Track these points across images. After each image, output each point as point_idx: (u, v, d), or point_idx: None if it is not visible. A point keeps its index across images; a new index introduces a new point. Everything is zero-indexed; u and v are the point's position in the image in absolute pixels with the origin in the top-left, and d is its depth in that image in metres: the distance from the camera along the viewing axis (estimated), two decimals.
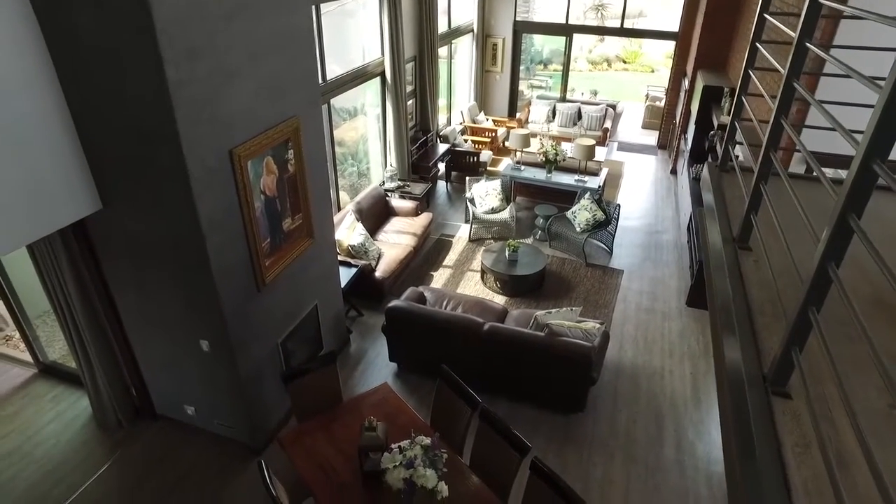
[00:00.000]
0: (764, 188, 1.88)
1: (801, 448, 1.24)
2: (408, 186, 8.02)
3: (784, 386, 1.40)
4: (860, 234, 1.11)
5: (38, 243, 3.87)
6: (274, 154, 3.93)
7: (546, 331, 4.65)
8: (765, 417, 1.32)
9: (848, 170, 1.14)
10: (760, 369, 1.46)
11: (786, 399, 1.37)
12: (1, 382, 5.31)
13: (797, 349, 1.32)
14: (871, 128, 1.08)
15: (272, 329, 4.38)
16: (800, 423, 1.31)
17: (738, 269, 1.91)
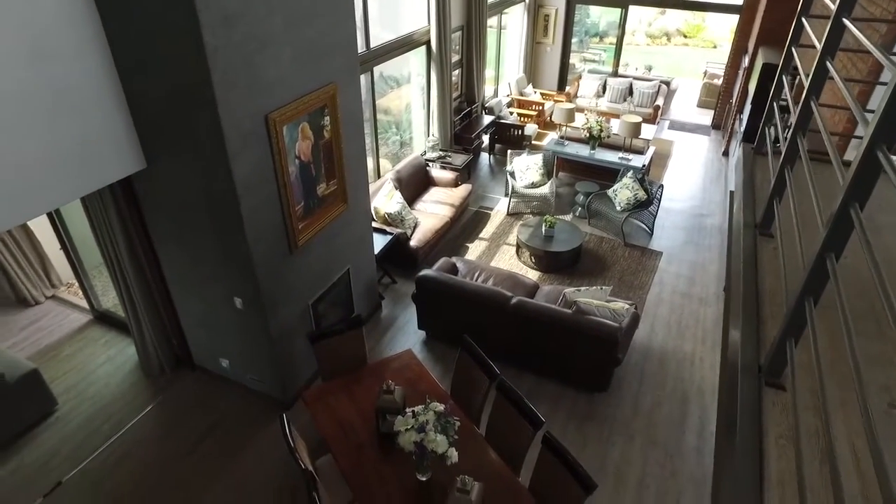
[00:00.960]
0: (789, 173, 1.80)
1: (784, 440, 1.22)
2: (449, 157, 8.01)
3: (778, 377, 1.37)
4: (859, 227, 1.06)
5: (90, 198, 4.11)
6: (310, 120, 4.00)
7: (574, 308, 4.62)
8: (753, 406, 1.29)
9: None
10: (758, 358, 1.43)
11: (779, 390, 1.34)
12: (62, 326, 5.72)
13: (792, 341, 1.28)
14: (879, 111, 1.02)
15: (304, 291, 4.52)
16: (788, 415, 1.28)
17: (754, 255, 1.84)
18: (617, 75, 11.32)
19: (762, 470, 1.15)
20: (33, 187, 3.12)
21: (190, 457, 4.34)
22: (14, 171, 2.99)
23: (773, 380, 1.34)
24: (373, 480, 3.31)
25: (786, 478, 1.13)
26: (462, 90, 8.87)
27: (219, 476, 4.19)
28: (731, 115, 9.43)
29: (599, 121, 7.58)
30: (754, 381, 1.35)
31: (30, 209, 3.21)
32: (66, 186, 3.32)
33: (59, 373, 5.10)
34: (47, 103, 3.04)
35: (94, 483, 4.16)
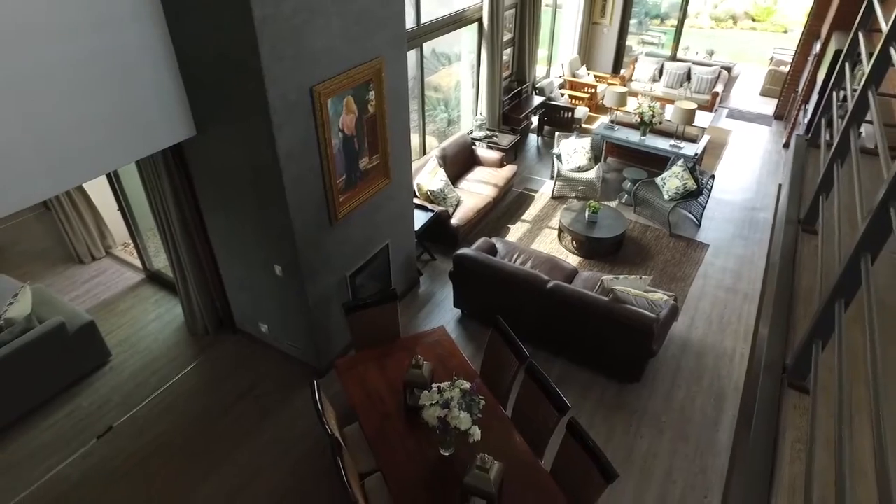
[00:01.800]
0: (838, 167, 1.70)
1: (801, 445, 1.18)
2: (496, 137, 7.93)
3: (802, 380, 1.31)
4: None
5: (144, 163, 4.29)
6: (355, 94, 4.03)
7: (610, 296, 4.55)
8: (772, 406, 1.25)
9: None
10: (783, 357, 1.38)
11: (802, 393, 1.29)
12: (118, 283, 6.04)
13: (819, 343, 1.23)
14: None
15: (342, 262, 4.61)
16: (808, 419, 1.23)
17: (793, 251, 1.76)
18: (675, 59, 10.88)
19: (774, 472, 1.11)
20: (92, 149, 3.29)
21: (228, 414, 4.55)
22: (75, 134, 3.16)
23: (796, 382, 1.29)
24: (397, 451, 3.39)
25: (797, 483, 1.09)
26: (513, 70, 8.73)
27: (253, 434, 4.38)
28: (795, 105, 8.94)
29: (652, 106, 7.33)
30: (777, 381, 1.30)
31: (90, 170, 3.39)
32: (122, 150, 3.48)
33: (114, 326, 5.41)
34: (106, 69, 3.18)
35: (141, 430, 4.42)
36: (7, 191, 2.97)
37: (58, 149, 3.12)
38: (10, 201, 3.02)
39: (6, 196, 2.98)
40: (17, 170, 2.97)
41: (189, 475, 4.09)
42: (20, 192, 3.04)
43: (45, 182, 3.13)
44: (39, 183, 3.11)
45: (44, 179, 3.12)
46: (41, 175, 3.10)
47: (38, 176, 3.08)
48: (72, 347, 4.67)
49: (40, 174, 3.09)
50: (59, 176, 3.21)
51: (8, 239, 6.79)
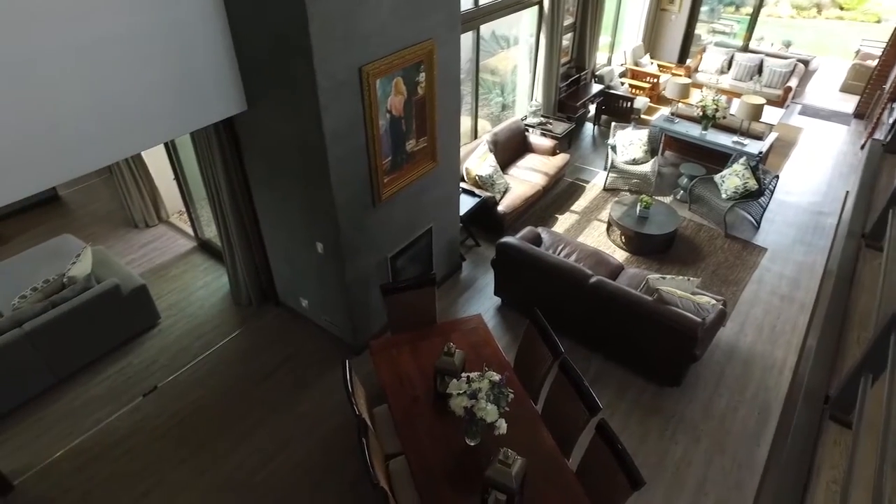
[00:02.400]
0: None
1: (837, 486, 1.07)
2: (550, 124, 7.75)
3: (847, 413, 1.20)
4: None
5: (198, 135, 4.41)
6: (404, 75, 3.99)
7: (655, 296, 4.38)
8: (807, 439, 1.15)
9: None
10: (827, 385, 1.26)
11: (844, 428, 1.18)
12: (172, 249, 6.29)
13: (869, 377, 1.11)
14: None
15: (384, 243, 4.62)
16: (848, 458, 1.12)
17: (852, 268, 1.61)
18: (747, 50, 10.29)
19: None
20: (150, 119, 3.41)
21: (264, 383, 4.68)
22: (135, 104, 3.29)
23: (839, 415, 1.18)
24: (423, 436, 3.40)
25: None
26: (572, 56, 8.47)
27: (287, 405, 4.49)
28: (880, 103, 8.30)
29: (717, 99, 6.95)
30: (817, 411, 1.19)
31: (147, 139, 3.53)
32: (177, 121, 3.59)
33: (164, 291, 5.64)
34: (167, 43, 3.28)
35: (183, 392, 4.61)
36: (72, 156, 3.13)
37: (119, 117, 3.25)
38: (73, 166, 3.18)
39: (71, 161, 3.14)
40: (81, 136, 3.12)
41: (224, 439, 4.24)
42: (84, 157, 3.20)
43: (105, 149, 3.28)
44: (101, 149, 3.26)
45: (105, 146, 3.27)
46: (103, 142, 3.24)
47: (100, 143, 3.23)
48: (125, 308, 4.89)
49: (102, 141, 3.23)
50: (119, 143, 3.35)
51: (77, 200, 7.18)
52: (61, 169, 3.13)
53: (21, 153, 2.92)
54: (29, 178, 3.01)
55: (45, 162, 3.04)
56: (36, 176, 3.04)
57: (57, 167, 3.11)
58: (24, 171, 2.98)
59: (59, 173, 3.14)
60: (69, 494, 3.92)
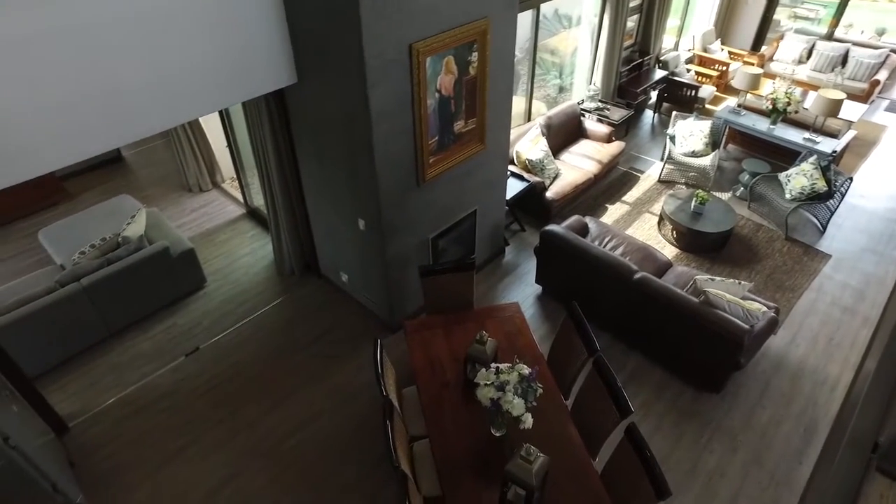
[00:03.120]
0: None
1: None
2: (607, 110, 7.47)
3: None
4: None
5: (249, 105, 4.46)
6: (456, 54, 3.89)
7: (702, 298, 4.19)
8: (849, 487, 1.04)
9: None
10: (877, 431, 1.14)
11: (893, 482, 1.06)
12: (222, 214, 6.47)
13: None
14: None
15: (426, 224, 4.59)
16: None
17: None
18: (832, 38, 9.57)
19: None
20: (203, 88, 3.47)
21: (301, 353, 4.78)
22: (190, 73, 3.35)
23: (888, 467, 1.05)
24: (448, 421, 3.39)
25: None
26: (637, 39, 8.10)
27: (320, 376, 4.57)
28: None
29: (790, 92, 6.51)
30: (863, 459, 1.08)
31: (199, 108, 3.61)
32: (229, 91, 3.64)
33: (212, 255, 5.82)
34: (221, 13, 3.30)
35: (223, 355, 4.76)
36: (131, 121, 3.24)
37: (175, 85, 3.33)
38: (131, 131, 3.30)
39: (130, 126, 3.26)
40: (141, 102, 3.22)
41: (257, 404, 4.36)
42: (141, 123, 3.30)
43: (161, 115, 3.38)
44: (157, 115, 3.35)
45: (161, 112, 3.36)
46: (159, 108, 3.33)
47: (157, 109, 3.32)
48: (173, 270, 5.07)
49: (159, 107, 3.32)
50: (174, 110, 3.43)
51: (138, 162, 7.47)
52: (121, 132, 3.25)
53: (88, 116, 3.05)
54: (94, 140, 3.15)
55: (107, 125, 3.16)
56: (100, 138, 3.17)
57: (117, 131, 3.22)
58: (91, 133, 3.11)
59: (119, 137, 3.26)
60: (116, 441, 4.14)
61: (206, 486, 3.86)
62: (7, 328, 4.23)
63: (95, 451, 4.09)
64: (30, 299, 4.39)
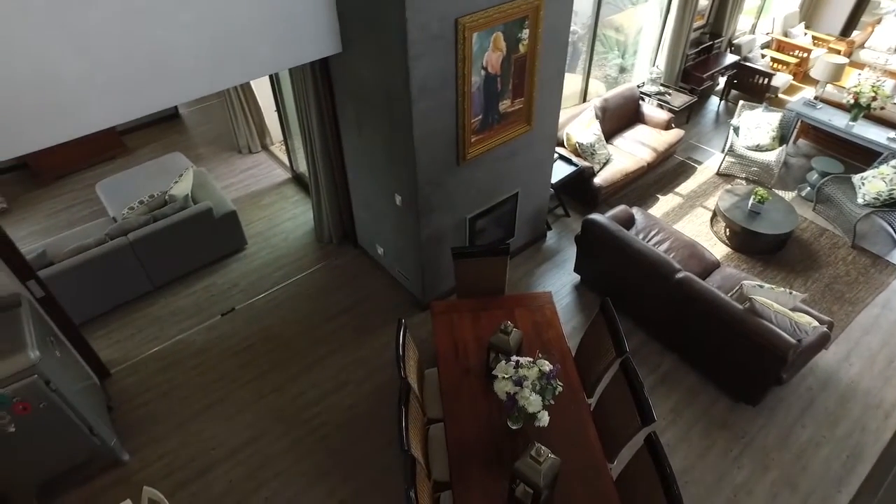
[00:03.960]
0: None
1: None
2: (669, 95, 7.07)
3: None
4: None
5: (295, 72, 4.43)
6: (505, 30, 3.72)
7: (746, 305, 3.95)
8: None
9: None
10: None
11: None
12: (268, 177, 6.56)
13: None
14: None
15: (464, 204, 4.49)
16: None
17: None
18: None
19: None
20: (251, 53, 3.49)
21: (331, 322, 4.83)
22: (238, 38, 3.37)
23: None
24: (465, 408, 3.35)
25: None
26: (708, 20, 7.58)
27: (348, 347, 4.61)
28: None
29: (878, 85, 5.95)
30: None
31: (246, 72, 3.62)
32: (275, 57, 3.64)
33: (255, 218, 5.92)
34: None
35: (257, 318, 4.87)
36: (184, 81, 3.31)
37: (223, 49, 3.35)
38: (183, 91, 3.37)
39: (178, 87, 3.33)
40: (189, 65, 3.28)
41: (285, 369, 4.45)
42: (192, 83, 3.37)
43: (211, 77, 3.43)
44: (207, 77, 3.41)
45: (210, 75, 3.41)
46: (209, 70, 3.39)
47: (207, 71, 3.38)
48: (216, 230, 5.19)
49: (209, 70, 3.38)
50: (222, 74, 3.46)
51: (194, 120, 7.64)
52: (173, 93, 3.32)
53: (147, 75, 3.15)
54: (153, 97, 3.25)
55: (158, 85, 3.23)
56: (151, 97, 3.25)
57: (168, 91, 3.29)
58: (142, 93, 3.20)
59: (170, 97, 3.33)
60: (150, 392, 4.33)
61: (229, 444, 3.98)
62: (60, 276, 4.44)
63: (131, 398, 4.29)
64: (82, 249, 4.59)
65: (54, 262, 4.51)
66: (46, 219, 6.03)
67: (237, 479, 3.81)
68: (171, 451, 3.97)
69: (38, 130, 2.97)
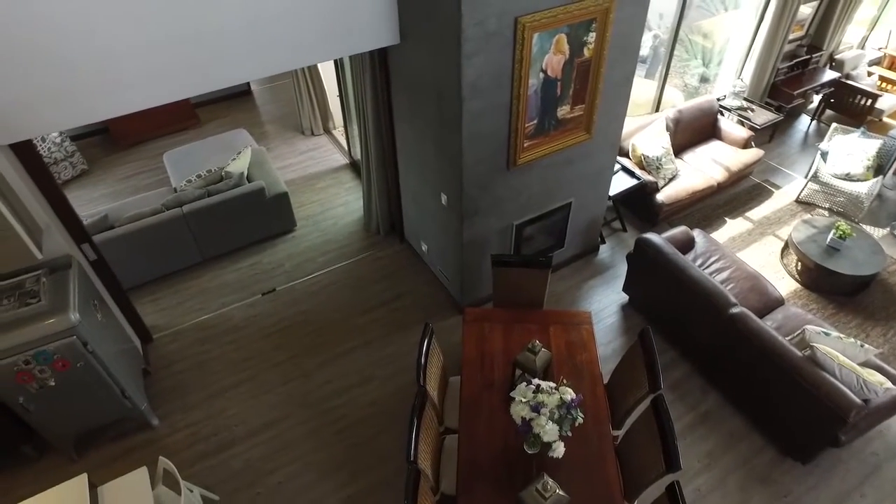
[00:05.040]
0: None
1: None
2: (751, 111, 6.56)
3: None
4: None
5: (354, 60, 4.40)
6: (569, 32, 3.50)
7: (807, 352, 3.58)
8: None
9: None
10: None
11: None
12: (326, 161, 6.62)
13: None
14: None
15: (511, 209, 4.32)
16: None
17: None
18: None
19: None
20: (310, 39, 3.49)
21: (367, 314, 4.81)
22: (297, 22, 3.37)
23: None
24: (482, 424, 3.22)
25: None
26: (808, 31, 6.96)
27: (379, 342, 4.58)
28: None
29: None
30: None
31: (302, 57, 3.60)
32: (334, 44, 3.61)
33: (308, 200, 5.98)
34: None
35: (295, 301, 4.92)
36: (249, 61, 3.38)
37: (282, 33, 3.37)
38: (259, 68, 3.45)
39: (253, 66, 3.41)
40: (257, 44, 3.34)
41: (314, 356, 4.47)
42: (255, 64, 3.42)
43: (268, 61, 3.47)
44: (268, 60, 3.46)
45: (271, 58, 3.46)
46: (271, 53, 3.43)
47: (269, 53, 3.42)
48: (266, 210, 5.28)
49: (271, 52, 3.42)
50: (281, 57, 3.49)
51: (264, 98, 7.83)
52: (242, 70, 3.39)
53: (219, 51, 3.23)
54: (224, 73, 3.34)
55: (234, 62, 3.32)
56: (230, 71, 3.35)
57: (240, 68, 3.37)
58: (221, 67, 3.30)
59: (241, 73, 3.41)
60: (186, 361, 4.47)
61: (251, 424, 4.05)
62: (117, 241, 4.65)
63: (169, 365, 4.44)
64: (139, 217, 4.78)
65: (114, 227, 4.72)
66: (118, 183, 6.35)
67: (254, 459, 3.87)
68: (197, 422, 4.07)
69: (125, 96, 3.12)
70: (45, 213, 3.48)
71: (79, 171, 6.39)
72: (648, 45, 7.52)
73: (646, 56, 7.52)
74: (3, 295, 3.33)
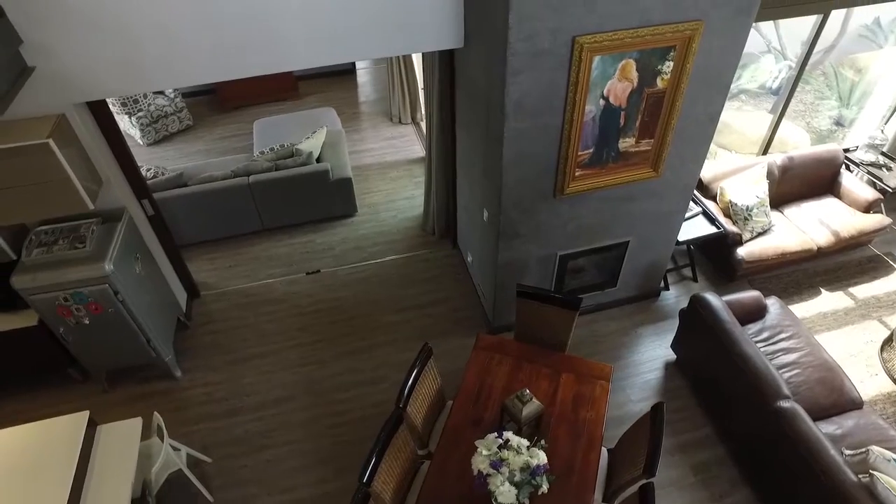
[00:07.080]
0: None
1: None
2: (886, 170, 5.60)
3: None
4: None
5: (427, 57, 4.30)
6: (640, 59, 3.14)
7: (864, 479, 2.99)
8: None
9: None
10: None
11: None
12: (406, 151, 6.63)
13: None
14: None
15: (555, 239, 4.03)
16: None
17: None
18: None
19: None
20: (378, 33, 3.48)
21: (398, 313, 4.76)
22: (363, 17, 3.38)
23: None
24: (458, 457, 3.03)
25: None
26: None
27: (402, 344, 4.52)
28: None
29: None
30: None
31: (368, 50, 3.58)
32: (404, 40, 3.56)
33: (375, 189, 6.02)
34: None
35: (334, 286, 4.99)
36: (335, 45, 3.46)
37: (343, 24, 3.39)
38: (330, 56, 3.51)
39: (339, 51, 3.49)
40: (317, 35, 3.39)
41: (335, 345, 4.50)
42: (340, 50, 3.49)
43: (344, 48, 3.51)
44: (347, 47, 3.50)
45: (348, 45, 3.50)
46: (348, 40, 3.47)
47: (347, 40, 3.47)
48: (329, 192, 5.38)
49: (348, 39, 3.47)
50: (357, 46, 3.52)
51: (364, 79, 7.99)
52: (328, 53, 3.47)
53: (275, 36, 3.32)
54: (325, 51, 3.46)
55: (290, 49, 3.39)
56: (286, 57, 3.43)
57: (295, 56, 3.43)
58: (275, 52, 3.38)
59: (327, 56, 3.49)
60: (223, 323, 4.70)
61: (260, 398, 4.16)
62: (185, 198, 4.96)
63: (207, 323, 4.69)
64: (209, 179, 5.06)
65: (187, 185, 5.04)
66: (214, 142, 6.80)
67: (252, 431, 3.98)
68: (214, 384, 4.26)
69: (182, 69, 3.30)
70: (108, 168, 3.75)
71: (184, 126, 6.91)
72: (782, 76, 6.69)
73: (778, 88, 6.70)
74: (62, 235, 3.66)
